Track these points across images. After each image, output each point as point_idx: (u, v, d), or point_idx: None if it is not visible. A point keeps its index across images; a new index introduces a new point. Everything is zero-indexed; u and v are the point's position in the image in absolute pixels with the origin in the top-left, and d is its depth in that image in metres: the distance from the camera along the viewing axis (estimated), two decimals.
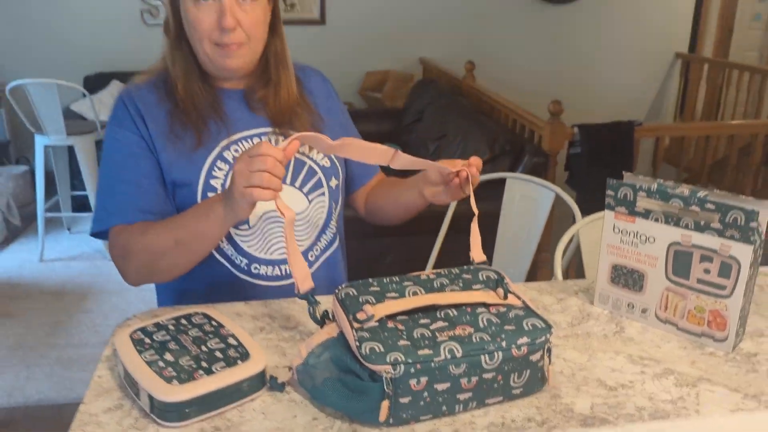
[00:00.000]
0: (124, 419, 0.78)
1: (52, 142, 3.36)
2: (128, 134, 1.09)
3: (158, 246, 1.02)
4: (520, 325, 0.80)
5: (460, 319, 0.80)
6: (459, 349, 0.75)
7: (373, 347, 0.74)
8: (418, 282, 0.85)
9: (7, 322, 2.85)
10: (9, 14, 4.45)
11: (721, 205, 0.89)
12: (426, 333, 0.77)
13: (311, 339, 0.82)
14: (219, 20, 1.03)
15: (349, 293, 0.82)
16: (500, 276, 0.88)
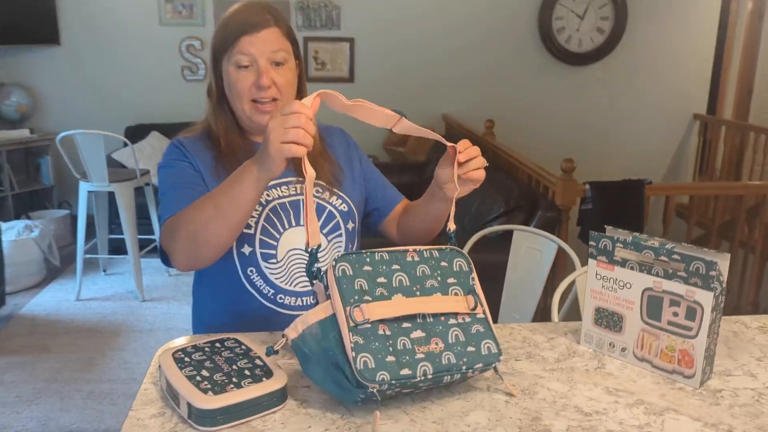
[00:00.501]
0: (166, 423, 0.93)
1: (95, 188, 3.59)
2: (183, 164, 1.28)
3: (200, 215, 1.10)
4: (479, 346, 0.98)
5: (434, 329, 0.97)
6: (430, 370, 0.94)
7: (366, 360, 0.89)
8: (404, 266, 0.99)
9: (45, 356, 3.02)
10: (62, 71, 4.80)
11: (685, 256, 1.02)
12: (407, 344, 0.93)
13: (307, 316, 0.95)
14: (257, 80, 1.23)
15: (345, 271, 0.95)
16: (470, 266, 1.04)
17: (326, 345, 0.93)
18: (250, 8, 1.25)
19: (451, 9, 4.90)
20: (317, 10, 4.78)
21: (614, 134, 5.22)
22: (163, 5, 4.74)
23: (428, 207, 1.28)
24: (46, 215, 4.56)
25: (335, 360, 0.92)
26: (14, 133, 4.53)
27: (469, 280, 1.03)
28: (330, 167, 1.35)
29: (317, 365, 0.94)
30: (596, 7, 4.99)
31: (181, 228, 1.13)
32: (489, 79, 5.04)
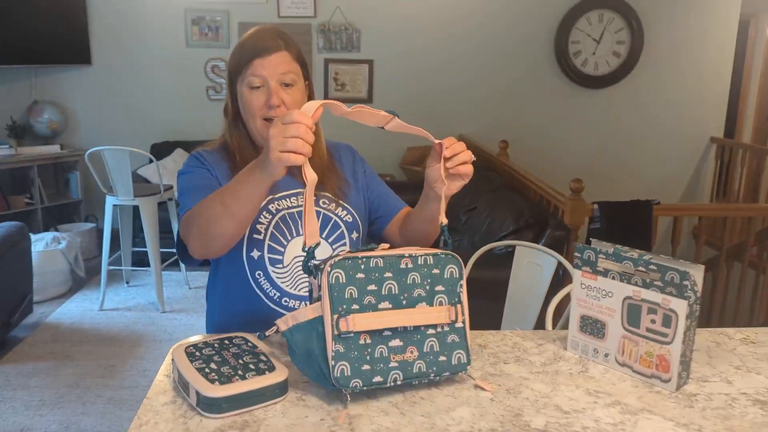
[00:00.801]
0: (177, 410, 1.02)
1: (121, 202, 3.73)
2: (202, 170, 1.39)
3: (210, 211, 1.18)
4: (450, 356, 1.07)
5: (412, 338, 1.06)
6: (400, 377, 1.04)
7: (343, 369, 1.00)
8: (396, 273, 1.06)
9: (68, 363, 3.14)
10: (93, 90, 5.00)
11: (661, 266, 1.09)
12: (384, 352, 1.03)
13: (298, 312, 1.04)
14: (267, 100, 1.33)
15: (338, 278, 1.02)
16: (460, 273, 1.12)
17: (310, 346, 1.03)
18: (262, 34, 1.36)
19: (468, 32, 5.01)
20: (338, 33, 4.93)
21: (630, 156, 5.27)
22: (190, 28, 4.92)
23: (423, 209, 1.35)
24: (73, 228, 4.72)
25: (317, 362, 1.02)
26: (46, 149, 4.73)
27: (456, 288, 1.11)
28: (337, 181, 1.45)
29: (301, 359, 1.05)
30: (612, 31, 5.07)
31: (194, 221, 1.23)
32: (505, 101, 5.14)
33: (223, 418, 0.99)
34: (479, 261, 2.03)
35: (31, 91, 4.93)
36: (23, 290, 3.39)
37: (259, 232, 1.36)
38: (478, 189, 3.66)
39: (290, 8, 4.89)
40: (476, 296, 2.15)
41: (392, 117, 1.15)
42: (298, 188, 1.41)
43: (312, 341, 1.03)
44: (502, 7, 5.00)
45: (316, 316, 1.03)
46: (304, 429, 0.97)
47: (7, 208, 4.55)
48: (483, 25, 5.01)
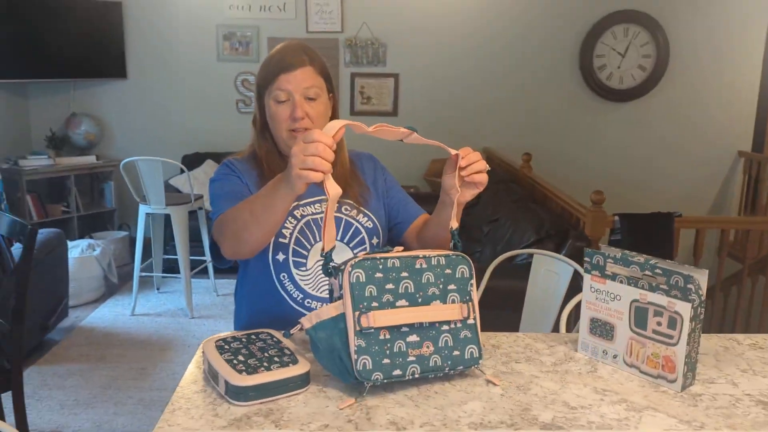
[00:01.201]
0: (207, 398, 1.10)
1: (153, 210, 3.86)
2: (232, 177, 1.48)
3: (240, 217, 1.27)
4: (464, 351, 1.15)
5: (428, 334, 1.13)
6: (418, 371, 1.11)
7: (365, 362, 1.07)
8: (411, 273, 1.13)
9: (101, 365, 3.25)
10: (127, 102, 5.18)
11: (666, 271, 1.14)
12: (402, 347, 1.10)
13: (321, 311, 1.12)
14: (292, 113, 1.42)
15: (359, 277, 1.10)
16: (471, 273, 1.18)
17: (333, 342, 1.10)
18: (288, 49, 1.45)
19: (493, 46, 5.08)
20: (364, 48, 5.03)
21: (654, 170, 5.26)
22: (221, 43, 5.07)
23: (439, 215, 1.41)
24: (107, 236, 4.88)
25: (339, 355, 1.10)
26: (82, 159, 4.90)
27: (467, 287, 1.18)
28: (359, 188, 1.52)
29: (324, 355, 1.12)
30: (638, 45, 5.09)
31: (226, 226, 1.32)
32: (529, 114, 5.18)
33: (249, 405, 1.07)
34: (500, 271, 2.08)
35: (69, 103, 5.13)
36: (60, 295, 3.53)
37: (285, 237, 1.43)
38: (501, 200, 3.71)
39: (318, 23, 5.02)
40: (497, 306, 2.21)
41: (410, 132, 1.22)
42: (323, 195, 1.49)
43: (335, 337, 1.10)
44: (526, 21, 5.06)
45: (338, 314, 1.11)
46: (325, 418, 1.04)
47: (45, 216, 4.72)
48: (508, 39, 5.08)
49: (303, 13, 5.01)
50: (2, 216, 2.28)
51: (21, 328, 2.17)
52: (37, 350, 3.37)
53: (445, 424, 1.03)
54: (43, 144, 4.99)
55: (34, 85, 5.07)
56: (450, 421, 1.04)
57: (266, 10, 5.02)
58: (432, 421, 1.04)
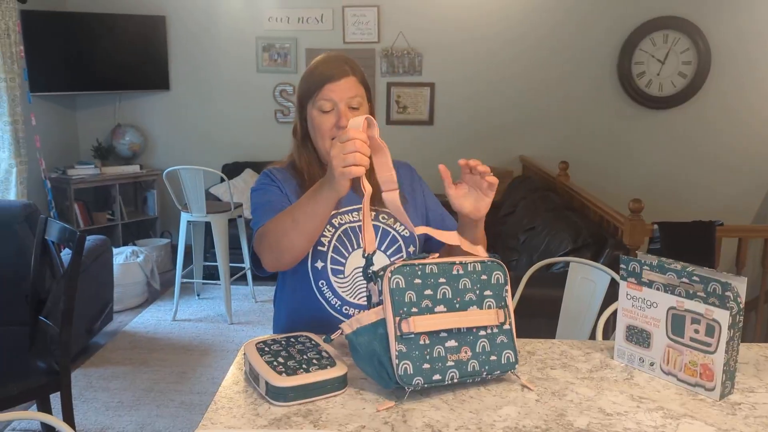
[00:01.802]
0: (248, 398, 1.13)
1: (194, 218, 3.96)
2: (273, 187, 1.52)
3: (281, 226, 1.31)
4: (500, 355, 1.16)
5: (466, 339, 1.15)
6: (457, 376, 1.13)
7: (406, 368, 1.09)
8: (449, 279, 1.16)
9: (144, 368, 3.34)
10: (170, 113, 5.32)
11: (703, 278, 1.13)
12: (441, 352, 1.12)
13: (362, 316, 1.14)
14: (337, 122, 1.44)
15: (398, 283, 1.12)
16: (505, 279, 1.20)
17: (374, 347, 1.12)
18: (330, 60, 1.48)
19: (529, 54, 5.07)
20: (401, 57, 5.08)
21: (695, 178, 5.16)
22: (261, 54, 5.18)
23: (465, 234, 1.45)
24: (149, 243, 5.01)
25: (380, 360, 1.12)
26: (127, 169, 5.05)
27: (502, 292, 1.19)
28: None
29: (363, 358, 1.14)
30: (678, 52, 5.02)
31: (266, 236, 1.35)
32: (566, 122, 5.15)
33: (288, 406, 1.10)
34: (537, 280, 2.08)
35: (115, 115, 5.29)
36: (105, 299, 3.64)
37: (323, 245, 1.47)
38: (537, 209, 3.69)
39: (355, 34, 5.08)
40: (533, 314, 2.21)
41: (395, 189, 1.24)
42: (360, 204, 1.52)
43: (374, 342, 1.13)
44: (564, 29, 5.03)
45: (378, 319, 1.13)
46: (362, 419, 1.07)
47: (91, 224, 4.88)
48: (544, 46, 5.06)
49: (340, 24, 5.09)
50: (53, 223, 2.38)
51: (69, 330, 2.25)
52: (83, 353, 3.48)
53: (480, 428, 1.05)
54: (90, 154, 5.15)
55: (82, 97, 5.25)
56: (485, 425, 1.05)
57: (304, 22, 5.11)
58: (467, 424, 1.06)
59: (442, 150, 5.12)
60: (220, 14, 5.16)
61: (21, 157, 4.14)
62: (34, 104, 4.48)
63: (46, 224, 2.39)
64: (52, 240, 2.39)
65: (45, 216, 2.42)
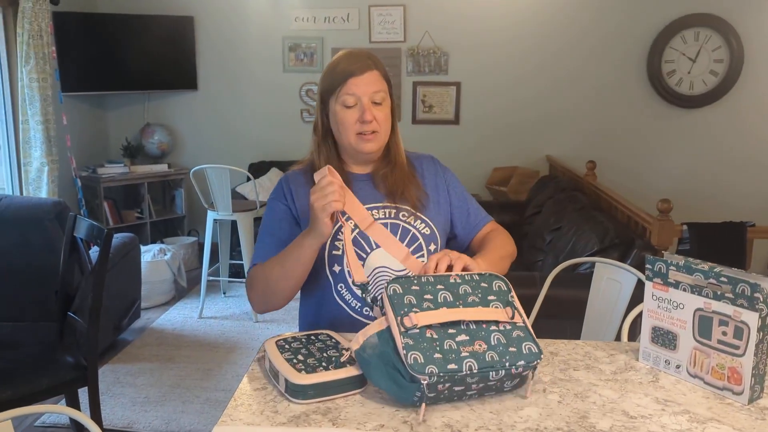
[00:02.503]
0: (267, 395, 1.14)
1: (220, 216, 3.99)
2: (281, 205, 1.53)
3: (271, 274, 1.40)
4: (519, 347, 1.10)
5: (477, 334, 1.10)
6: (475, 365, 1.05)
7: (416, 357, 1.04)
8: (447, 286, 1.15)
9: (170, 365, 3.38)
10: (198, 113, 5.38)
11: (732, 279, 1.10)
12: (452, 345, 1.07)
13: (367, 329, 1.13)
14: (361, 116, 1.43)
15: (396, 290, 1.12)
16: (508, 287, 1.18)
17: (382, 350, 1.10)
18: (353, 56, 1.48)
19: (556, 52, 5.01)
20: (426, 57, 5.06)
21: (726, 178, 5.05)
22: (287, 54, 5.21)
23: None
24: (177, 241, 5.07)
25: (391, 361, 1.08)
26: (155, 168, 5.12)
27: (508, 297, 1.17)
28: (416, 192, 1.53)
29: (376, 368, 1.10)
30: (710, 50, 4.92)
31: (256, 282, 1.43)
32: (594, 121, 5.08)
33: (307, 404, 1.10)
34: (562, 280, 2.05)
35: (144, 114, 5.37)
36: (133, 297, 3.69)
37: (338, 248, 1.46)
38: (563, 209, 3.65)
39: (381, 33, 5.08)
40: (557, 315, 2.18)
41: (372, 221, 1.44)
42: (379, 201, 1.51)
43: (381, 348, 1.10)
44: (592, 27, 4.96)
45: (383, 328, 1.12)
46: (381, 418, 1.06)
47: (120, 222, 4.95)
48: (572, 44, 5.00)
49: (366, 23, 5.09)
50: (82, 220, 2.42)
51: (97, 326, 2.29)
52: (111, 349, 3.53)
53: (501, 429, 1.03)
54: (119, 153, 5.24)
55: (112, 96, 5.34)
56: (505, 426, 1.04)
57: (330, 22, 5.12)
58: (487, 425, 1.04)
59: (467, 150, 5.09)
60: (248, 14, 5.20)
61: (52, 156, 4.23)
62: (65, 104, 4.57)
63: (75, 221, 2.43)
64: (80, 237, 2.43)
65: (74, 213, 2.47)
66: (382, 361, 1.09)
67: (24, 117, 4.15)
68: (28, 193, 4.20)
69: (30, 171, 4.21)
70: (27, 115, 4.15)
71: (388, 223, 1.49)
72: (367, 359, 1.11)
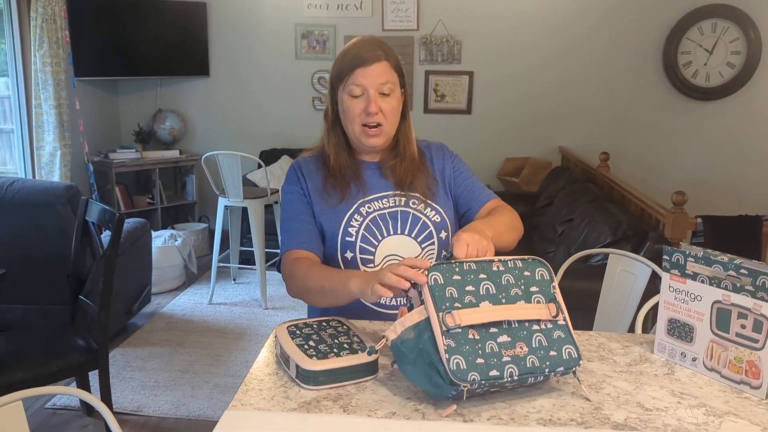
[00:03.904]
0: (278, 381, 1.13)
1: (231, 203, 3.99)
2: (297, 188, 1.52)
3: (311, 285, 1.37)
4: (560, 351, 1.06)
5: (519, 334, 1.07)
6: (516, 372, 1.03)
7: (458, 362, 1.01)
8: (490, 275, 1.11)
9: (180, 350, 3.39)
10: (209, 99, 5.37)
11: (752, 271, 1.08)
12: (494, 347, 1.04)
13: (405, 318, 1.09)
14: (366, 107, 1.42)
15: (437, 279, 1.07)
16: (551, 275, 1.15)
17: (422, 346, 1.05)
18: (364, 44, 1.45)
19: (571, 43, 4.96)
20: (439, 45, 5.02)
21: (742, 171, 4.99)
22: (300, 41, 5.19)
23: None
24: (187, 227, 5.08)
25: (430, 360, 1.03)
26: (167, 154, 5.12)
27: (550, 289, 1.13)
28: (426, 180, 1.51)
29: (414, 364, 1.06)
30: (727, 41, 4.84)
31: (296, 282, 1.40)
32: (608, 113, 5.03)
33: (318, 390, 1.09)
34: (574, 272, 2.03)
35: (156, 100, 5.37)
36: (144, 282, 3.70)
37: (351, 235, 1.45)
38: (576, 200, 3.62)
39: (394, 21, 5.04)
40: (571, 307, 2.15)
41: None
42: (388, 190, 1.49)
43: (422, 341, 1.05)
44: (607, 17, 4.90)
45: (422, 319, 1.06)
46: (392, 406, 1.05)
47: (132, 207, 4.97)
48: (587, 34, 4.94)
49: (379, 11, 5.05)
50: (93, 205, 2.42)
51: (107, 310, 2.30)
52: (121, 333, 3.55)
53: (513, 419, 1.02)
54: (131, 138, 5.24)
55: (124, 82, 5.34)
56: (518, 416, 1.03)
57: (343, 9, 5.09)
58: (499, 414, 1.03)
59: (479, 140, 5.06)
60: (260, 1, 5.17)
61: (65, 141, 4.24)
62: (78, 89, 4.57)
63: (87, 206, 2.43)
64: (92, 221, 2.43)
65: (86, 198, 2.47)
66: (420, 357, 1.05)
67: (37, 101, 4.16)
68: (40, 177, 4.22)
69: (43, 155, 4.22)
70: (40, 100, 4.16)
71: (398, 210, 1.48)
72: (405, 353, 1.07)
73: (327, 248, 1.47)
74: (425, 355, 1.05)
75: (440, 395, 1.04)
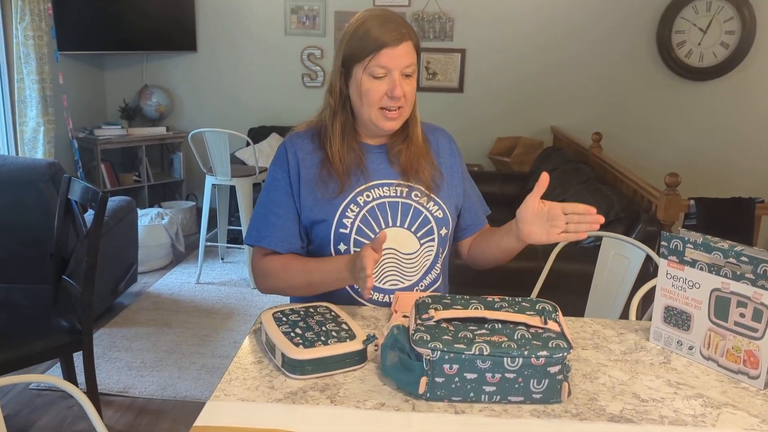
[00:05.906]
0: (263, 370, 1.09)
1: (219, 181, 3.93)
2: (283, 174, 1.41)
3: (294, 282, 1.35)
4: (546, 343, 0.99)
5: (500, 331, 1.03)
6: (487, 348, 0.98)
7: (422, 336, 1.00)
8: (482, 302, 1.09)
9: (167, 330, 3.35)
10: (197, 75, 5.26)
11: (753, 258, 1.05)
12: (468, 335, 1.01)
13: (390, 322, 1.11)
14: (390, 90, 1.32)
15: (425, 301, 1.09)
16: (554, 308, 1.09)
17: (399, 339, 1.05)
18: (387, 21, 1.32)
19: (563, 21, 4.89)
20: (431, 22, 4.94)
21: (735, 153, 4.98)
22: (289, 17, 5.08)
23: (502, 240, 1.39)
24: (175, 206, 5.01)
25: (402, 347, 1.04)
26: (153, 130, 5.03)
27: (551, 315, 1.07)
28: (431, 171, 1.44)
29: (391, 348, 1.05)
30: (721, 21, 4.79)
31: (273, 281, 1.38)
32: (600, 92, 4.98)
33: (305, 379, 1.06)
34: (565, 254, 2.00)
35: (142, 75, 5.26)
36: (130, 260, 3.65)
37: (345, 227, 1.37)
38: (568, 181, 3.58)
39: None
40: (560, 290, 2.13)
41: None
42: (392, 178, 1.42)
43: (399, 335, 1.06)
44: None
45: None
46: (381, 396, 1.02)
47: (118, 185, 4.89)
48: (579, 13, 4.87)
49: None
50: (76, 183, 2.35)
51: (91, 290, 2.24)
52: (107, 313, 3.50)
53: (506, 410, 0.99)
54: (117, 115, 5.14)
55: (110, 56, 5.22)
56: (511, 407, 1.00)
57: None
58: (492, 405, 1.00)
59: (471, 119, 5.00)
60: None
61: (48, 116, 4.14)
62: (62, 63, 4.46)
63: (70, 184, 2.37)
64: (75, 200, 2.37)
65: (68, 176, 2.40)
66: (396, 347, 1.04)
67: (19, 76, 4.06)
68: (23, 154, 4.12)
69: (26, 131, 4.13)
70: (22, 74, 4.05)
71: (400, 202, 1.41)
72: (386, 345, 1.06)
73: (318, 238, 1.40)
74: (400, 345, 1.04)
75: (412, 382, 1.00)
